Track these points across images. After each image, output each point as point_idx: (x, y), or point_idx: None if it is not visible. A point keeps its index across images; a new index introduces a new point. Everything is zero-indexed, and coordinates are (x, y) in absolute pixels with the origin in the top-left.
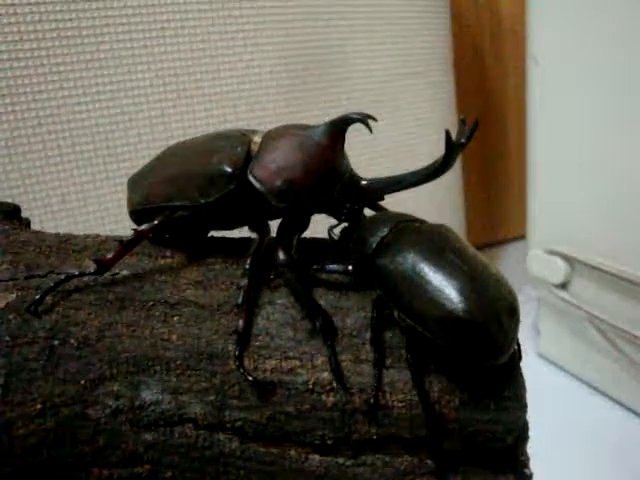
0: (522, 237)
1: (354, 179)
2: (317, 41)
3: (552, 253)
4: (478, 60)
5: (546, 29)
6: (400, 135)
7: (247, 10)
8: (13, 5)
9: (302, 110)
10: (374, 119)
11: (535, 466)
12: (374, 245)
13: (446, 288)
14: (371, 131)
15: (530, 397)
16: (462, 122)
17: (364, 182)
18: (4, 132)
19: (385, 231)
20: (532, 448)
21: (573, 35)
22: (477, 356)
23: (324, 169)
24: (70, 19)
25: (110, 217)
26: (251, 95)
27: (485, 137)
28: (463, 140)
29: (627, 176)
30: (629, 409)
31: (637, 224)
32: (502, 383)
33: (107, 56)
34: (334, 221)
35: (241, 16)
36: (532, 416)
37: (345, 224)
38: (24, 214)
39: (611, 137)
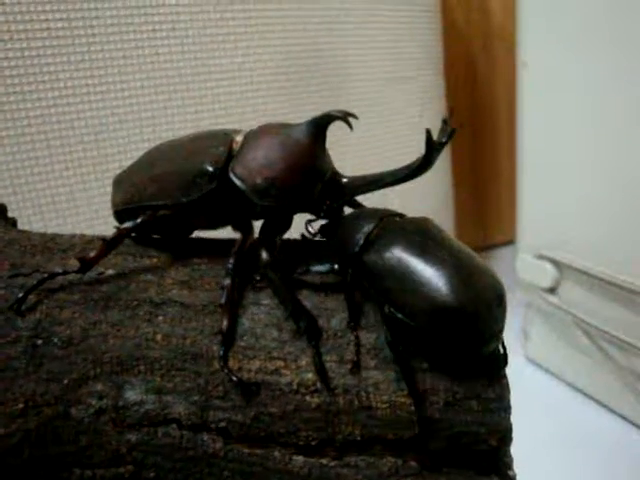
0: (511, 242)
1: (335, 177)
2: (309, 45)
3: (541, 258)
4: (469, 66)
5: (536, 34)
6: (392, 139)
7: (239, 13)
8: (3, 4)
9: (293, 112)
10: (355, 117)
11: (523, 470)
12: (360, 242)
13: (436, 280)
14: (351, 128)
15: (518, 401)
16: (444, 122)
17: (345, 180)
18: None
19: (370, 227)
20: (519, 452)
21: (563, 39)
22: (469, 344)
23: (305, 167)
24: (61, 19)
25: (99, 218)
26: (242, 98)
27: (475, 142)
28: (443, 140)
29: (616, 181)
30: (616, 413)
31: (626, 229)
32: (486, 385)
33: (98, 57)
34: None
35: (233, 19)
36: (520, 420)
37: (323, 221)
38: (13, 214)
39: (600, 142)
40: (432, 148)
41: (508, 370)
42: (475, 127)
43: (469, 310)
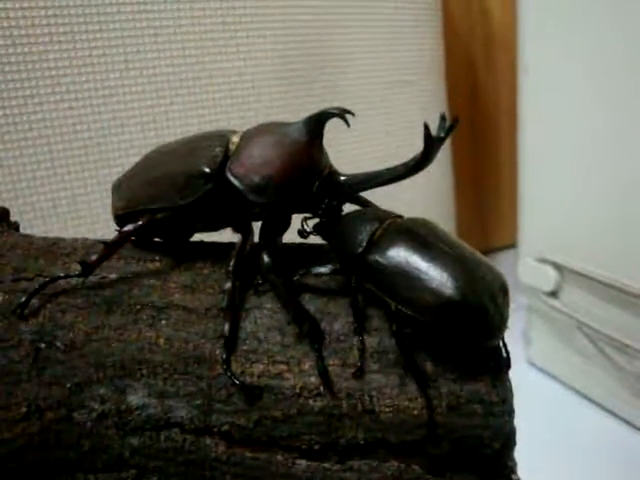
0: (513, 246)
1: (333, 175)
2: (310, 49)
3: (543, 261)
4: (470, 69)
5: (537, 39)
6: (392, 143)
7: (240, 17)
8: (5, 9)
9: (295, 116)
10: (351, 113)
11: (525, 474)
12: (364, 243)
13: (442, 276)
14: (349, 125)
15: (520, 405)
16: (442, 118)
17: (342, 178)
18: None
19: (373, 228)
20: (522, 456)
21: (564, 45)
22: (476, 337)
23: (302, 164)
24: (63, 24)
25: (101, 222)
26: (244, 102)
27: (476, 145)
28: (442, 134)
29: (618, 185)
30: (619, 417)
31: (628, 232)
32: (490, 388)
33: (100, 61)
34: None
35: (234, 23)
36: (522, 424)
37: (319, 219)
38: (15, 219)
39: (602, 145)
40: (431, 143)
41: (509, 374)
42: (476, 131)
43: (476, 303)
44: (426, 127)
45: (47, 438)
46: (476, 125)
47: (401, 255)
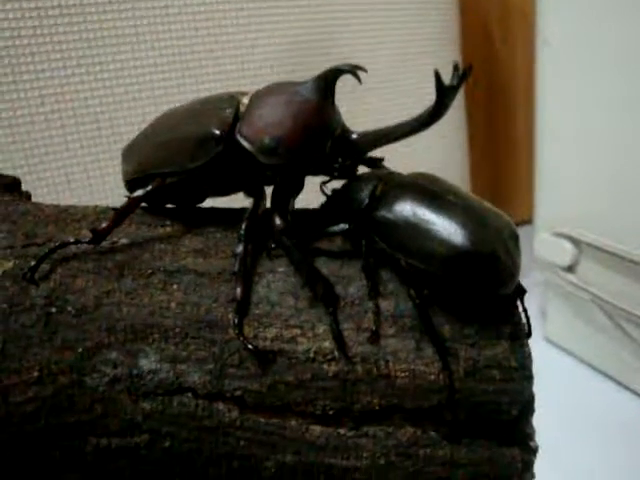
0: (528, 222)
1: (346, 133)
2: (322, 20)
3: (559, 235)
4: (486, 41)
5: (557, 10)
6: (406, 116)
7: None
8: None
9: None
10: (363, 69)
11: (541, 448)
12: (367, 199)
13: (451, 224)
14: (360, 81)
15: (537, 380)
16: (455, 67)
17: (355, 136)
18: (7, 111)
19: (373, 184)
20: (538, 431)
21: (584, 15)
22: (489, 285)
23: (313, 123)
24: None
25: (114, 197)
26: (256, 75)
27: (492, 120)
28: (455, 82)
29: (636, 158)
30: (635, 392)
31: None
32: (508, 353)
33: (110, 34)
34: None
35: None
36: (538, 399)
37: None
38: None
39: (620, 119)
40: (443, 92)
41: None
42: (492, 105)
43: (486, 249)
44: (437, 74)
45: (60, 402)
46: (492, 99)
47: (407, 207)
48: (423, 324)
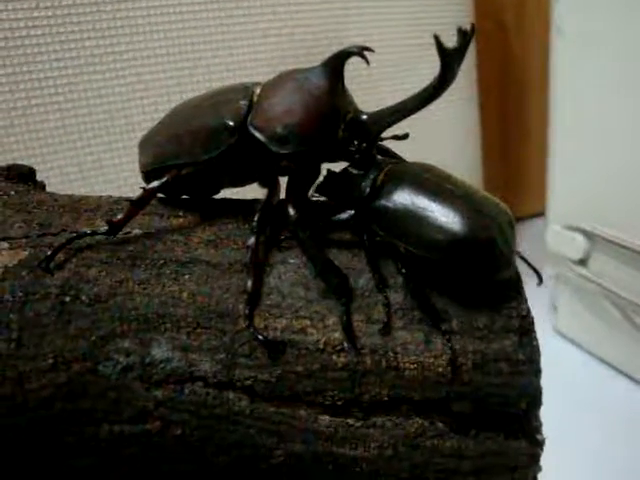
0: (541, 214)
1: (358, 116)
2: (335, 9)
3: (571, 228)
4: (501, 32)
5: (572, 1)
6: None
7: None
8: None
9: None
10: (371, 50)
11: (550, 441)
12: (368, 189)
13: (449, 212)
14: (368, 63)
15: (546, 373)
16: (459, 30)
17: (364, 116)
18: (22, 100)
19: (375, 174)
20: (547, 424)
21: (599, 4)
22: (486, 270)
23: (323, 108)
24: None
25: (127, 186)
26: (269, 64)
27: (505, 111)
28: (458, 46)
29: None
30: None
31: None
32: (516, 347)
33: (124, 24)
34: None
35: None
36: (548, 392)
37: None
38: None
39: (635, 111)
40: (447, 56)
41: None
42: (505, 96)
43: (484, 235)
44: (436, 38)
45: (74, 389)
46: (505, 89)
47: (406, 196)
48: (416, 299)
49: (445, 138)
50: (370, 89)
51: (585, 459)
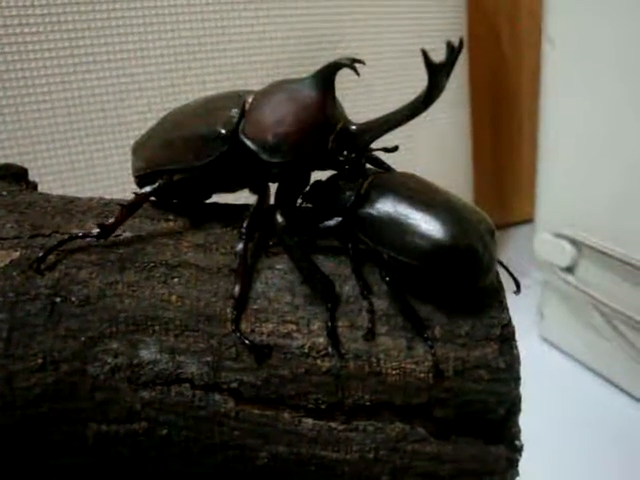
0: (530, 221)
1: (348, 126)
2: (330, 14)
3: (559, 236)
4: (493, 40)
5: (563, 11)
6: None
7: None
8: None
9: None
10: (361, 62)
11: (534, 448)
12: (352, 197)
13: (431, 220)
14: (358, 74)
15: (532, 380)
16: (447, 44)
17: (354, 127)
18: (14, 98)
19: (359, 183)
20: (532, 430)
21: (590, 17)
22: (467, 277)
23: (313, 119)
24: None
25: (118, 186)
26: (262, 68)
27: (497, 120)
28: (445, 60)
29: (637, 161)
30: (630, 395)
31: None
32: (497, 355)
33: (118, 24)
34: None
35: None
36: (534, 399)
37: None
38: (33, 180)
39: (624, 122)
40: (434, 70)
41: (522, 349)
42: (496, 104)
43: (465, 243)
44: (424, 53)
45: (62, 389)
46: (497, 96)
47: (389, 204)
48: (396, 301)
49: (436, 144)
50: (363, 94)
51: (571, 465)
